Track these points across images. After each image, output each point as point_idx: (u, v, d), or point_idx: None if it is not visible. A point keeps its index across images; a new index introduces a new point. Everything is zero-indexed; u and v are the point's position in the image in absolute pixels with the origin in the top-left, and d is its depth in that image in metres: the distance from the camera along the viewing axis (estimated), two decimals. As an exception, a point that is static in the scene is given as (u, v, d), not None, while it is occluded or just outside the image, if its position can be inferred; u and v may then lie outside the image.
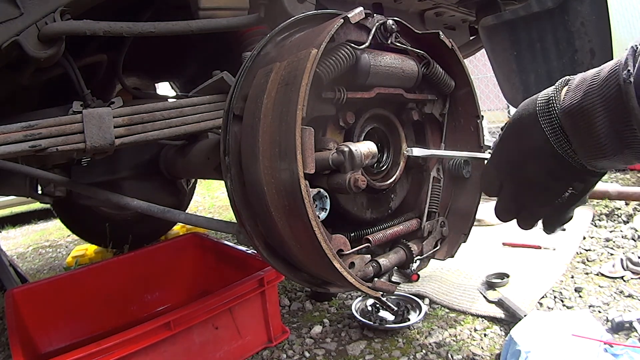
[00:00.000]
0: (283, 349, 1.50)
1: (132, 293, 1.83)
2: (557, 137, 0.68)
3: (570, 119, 0.65)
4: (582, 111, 0.63)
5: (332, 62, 0.75)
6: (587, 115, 0.62)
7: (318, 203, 0.74)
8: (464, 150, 1.04)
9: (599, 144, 0.62)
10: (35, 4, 0.88)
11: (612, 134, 0.60)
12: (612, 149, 0.62)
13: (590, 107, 0.62)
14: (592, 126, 0.62)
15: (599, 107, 0.60)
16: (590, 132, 0.62)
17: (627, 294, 1.58)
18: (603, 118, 0.60)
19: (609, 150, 0.62)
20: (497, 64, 1.87)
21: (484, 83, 6.41)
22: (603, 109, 0.60)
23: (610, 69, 0.60)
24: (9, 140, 0.85)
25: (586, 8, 1.51)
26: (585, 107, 0.62)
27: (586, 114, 0.62)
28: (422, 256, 0.95)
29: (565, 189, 0.73)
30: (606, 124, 0.60)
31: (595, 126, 0.61)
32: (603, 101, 0.60)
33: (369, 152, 0.75)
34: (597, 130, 0.61)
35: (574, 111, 0.64)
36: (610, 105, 0.59)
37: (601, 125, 0.61)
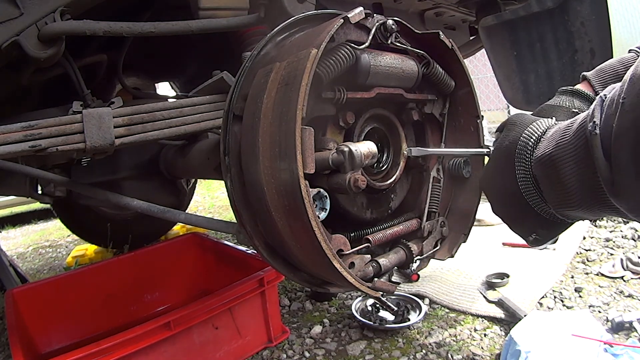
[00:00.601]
0: (283, 349, 1.50)
1: (132, 293, 1.83)
2: (527, 184, 0.69)
3: (541, 167, 0.66)
4: (552, 161, 0.63)
5: (332, 62, 0.75)
6: (557, 166, 0.62)
7: (318, 203, 0.74)
8: (464, 150, 1.04)
9: (568, 193, 0.62)
10: (35, 4, 0.88)
11: (581, 185, 0.60)
12: (580, 200, 0.62)
13: (560, 157, 0.62)
14: (562, 176, 0.62)
15: (570, 157, 0.61)
16: (560, 182, 0.63)
17: (627, 294, 1.58)
18: (572, 169, 0.60)
19: (576, 200, 0.62)
20: (497, 64, 1.87)
21: (484, 83, 6.41)
22: (573, 160, 0.60)
23: (581, 120, 0.60)
24: (9, 140, 0.85)
25: (586, 8, 1.51)
26: (555, 157, 0.63)
27: (556, 164, 0.63)
28: (422, 256, 0.94)
29: (529, 234, 0.76)
30: (575, 175, 0.60)
31: (565, 176, 0.61)
32: (573, 152, 0.60)
33: (369, 152, 0.75)
34: (566, 181, 0.62)
35: (545, 160, 0.65)
36: (579, 157, 0.59)
37: (570, 176, 0.61)
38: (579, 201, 0.62)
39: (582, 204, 0.62)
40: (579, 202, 0.62)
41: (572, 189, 0.61)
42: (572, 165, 0.61)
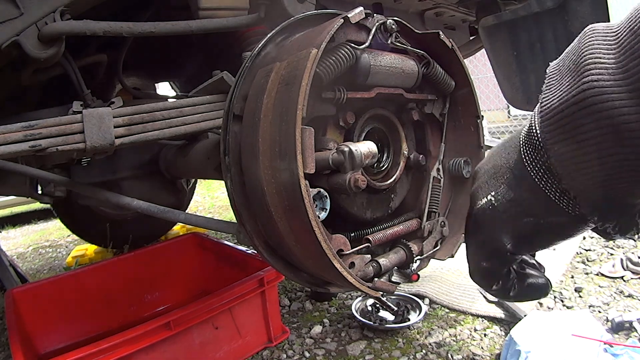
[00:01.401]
0: (283, 349, 1.50)
1: (132, 293, 1.83)
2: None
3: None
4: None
5: (332, 62, 0.75)
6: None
7: (318, 203, 0.74)
8: (465, 151, 1.04)
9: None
10: (35, 4, 0.88)
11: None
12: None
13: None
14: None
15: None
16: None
17: (627, 294, 1.58)
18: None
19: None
20: (497, 64, 1.87)
21: (484, 83, 6.41)
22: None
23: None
24: (9, 140, 0.85)
25: (586, 8, 1.51)
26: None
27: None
28: (422, 256, 0.94)
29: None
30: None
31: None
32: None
33: (369, 152, 0.75)
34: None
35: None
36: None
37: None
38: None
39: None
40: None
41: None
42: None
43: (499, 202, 0.56)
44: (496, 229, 0.58)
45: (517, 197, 0.54)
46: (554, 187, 0.49)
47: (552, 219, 0.52)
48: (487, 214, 0.58)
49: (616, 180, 0.43)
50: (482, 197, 0.59)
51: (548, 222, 0.53)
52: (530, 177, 0.51)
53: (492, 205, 0.57)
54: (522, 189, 0.53)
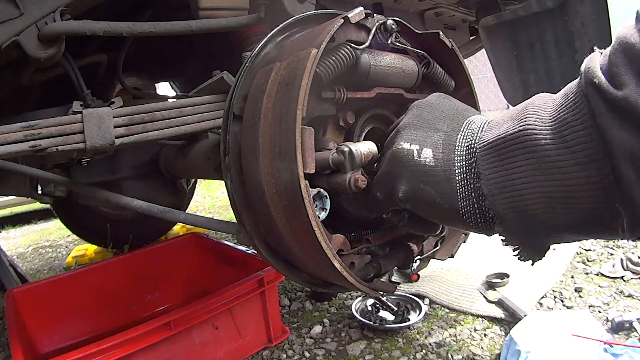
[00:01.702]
0: (283, 349, 1.50)
1: (132, 293, 1.83)
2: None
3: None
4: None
5: (332, 62, 0.75)
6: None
7: (318, 203, 0.74)
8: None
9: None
10: (35, 4, 0.88)
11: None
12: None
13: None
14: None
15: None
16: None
17: (627, 294, 1.58)
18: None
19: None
20: (497, 64, 1.87)
21: (484, 83, 6.41)
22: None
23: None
24: (9, 140, 0.85)
25: (586, 8, 1.50)
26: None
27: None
28: (422, 256, 0.94)
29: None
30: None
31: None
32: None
33: (369, 152, 0.75)
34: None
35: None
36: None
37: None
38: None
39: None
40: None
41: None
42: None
43: (418, 161, 0.62)
44: (403, 174, 0.64)
45: (434, 175, 0.60)
46: (470, 202, 0.58)
47: (447, 218, 0.62)
48: (404, 157, 0.64)
49: (530, 205, 0.51)
50: (409, 142, 0.64)
51: (442, 216, 0.63)
52: (454, 186, 0.59)
53: (412, 156, 0.63)
54: (443, 178, 0.59)
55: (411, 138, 0.65)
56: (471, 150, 0.59)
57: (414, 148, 0.63)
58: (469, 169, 0.58)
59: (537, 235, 0.54)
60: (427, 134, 0.64)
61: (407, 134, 0.66)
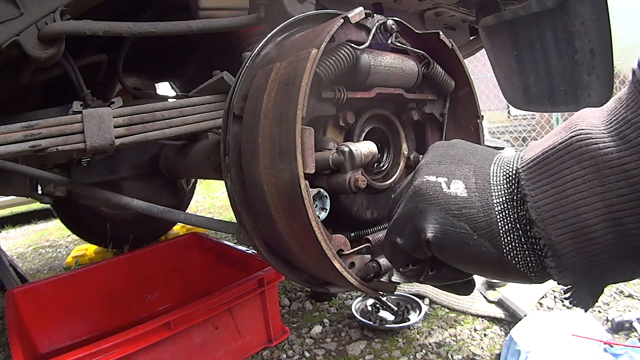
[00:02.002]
0: (283, 349, 1.50)
1: (132, 293, 1.83)
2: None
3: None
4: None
5: (332, 62, 0.75)
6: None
7: (318, 203, 0.74)
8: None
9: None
10: (35, 4, 0.88)
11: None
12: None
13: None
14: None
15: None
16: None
17: (627, 294, 1.58)
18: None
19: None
20: (497, 64, 1.87)
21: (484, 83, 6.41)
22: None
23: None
24: (9, 140, 0.85)
25: (586, 8, 1.50)
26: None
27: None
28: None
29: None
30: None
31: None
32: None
33: (369, 152, 0.75)
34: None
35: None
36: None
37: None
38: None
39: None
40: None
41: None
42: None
43: (448, 192, 0.52)
44: (430, 210, 0.52)
45: (469, 208, 0.50)
46: (514, 234, 0.48)
47: (486, 260, 0.50)
48: (430, 190, 0.53)
49: (590, 225, 0.41)
50: (434, 175, 0.54)
51: (480, 259, 0.50)
52: (493, 218, 0.49)
53: (440, 188, 0.53)
54: (479, 210, 0.50)
55: (437, 171, 0.55)
56: (510, 174, 0.50)
57: (441, 180, 0.53)
58: (510, 195, 0.49)
59: (600, 269, 0.43)
60: (454, 167, 0.54)
61: (431, 169, 0.55)
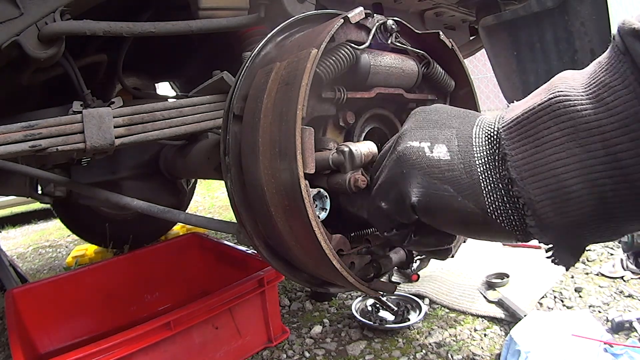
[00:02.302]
0: (283, 349, 1.50)
1: (132, 293, 1.83)
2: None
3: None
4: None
5: (332, 62, 0.75)
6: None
7: (318, 203, 0.74)
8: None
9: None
10: (35, 4, 0.88)
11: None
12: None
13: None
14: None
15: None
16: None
17: (627, 294, 1.58)
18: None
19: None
20: (497, 64, 1.87)
21: (484, 83, 6.41)
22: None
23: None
24: (9, 140, 0.85)
25: (586, 8, 1.50)
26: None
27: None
28: (422, 256, 0.94)
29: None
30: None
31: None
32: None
33: (369, 152, 0.75)
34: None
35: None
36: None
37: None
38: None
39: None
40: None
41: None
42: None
43: (431, 157, 0.53)
44: (414, 175, 0.54)
45: (452, 170, 0.51)
46: (497, 194, 0.49)
47: (471, 221, 0.51)
48: (413, 155, 0.55)
49: (568, 185, 0.43)
50: (417, 140, 0.56)
51: (465, 220, 0.52)
52: (476, 179, 0.50)
53: (424, 153, 0.54)
54: (462, 172, 0.51)
55: (419, 136, 0.56)
56: (492, 135, 0.51)
57: (424, 145, 0.55)
58: (492, 156, 0.50)
59: (578, 228, 0.45)
60: (437, 132, 0.55)
61: (414, 134, 0.57)
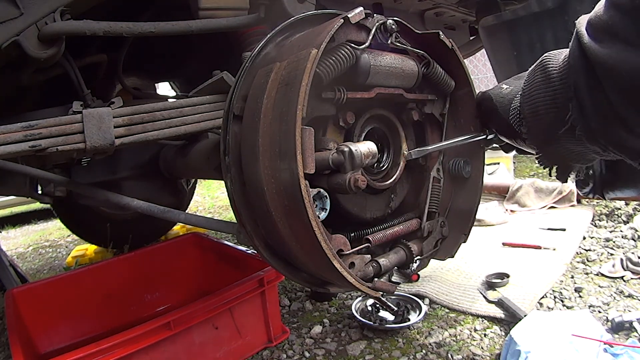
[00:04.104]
0: (283, 349, 1.50)
1: (132, 293, 1.83)
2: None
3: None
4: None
5: (332, 62, 0.75)
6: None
7: (318, 203, 0.74)
8: (465, 151, 1.04)
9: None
10: (35, 4, 0.88)
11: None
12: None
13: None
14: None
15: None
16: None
17: (627, 294, 1.58)
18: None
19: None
20: (497, 64, 1.87)
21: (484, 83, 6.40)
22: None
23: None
24: (9, 140, 0.85)
25: (586, 8, 1.50)
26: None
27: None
28: (422, 256, 0.95)
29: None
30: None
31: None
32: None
33: (369, 152, 0.75)
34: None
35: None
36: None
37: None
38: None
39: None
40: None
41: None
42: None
43: (506, 92, 0.89)
44: (497, 97, 0.91)
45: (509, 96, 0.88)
46: (514, 111, 0.85)
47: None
48: (497, 90, 0.92)
49: (538, 112, 0.76)
50: (499, 87, 0.92)
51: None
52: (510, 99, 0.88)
53: (502, 88, 0.91)
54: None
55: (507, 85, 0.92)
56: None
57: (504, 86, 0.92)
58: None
59: (549, 137, 0.75)
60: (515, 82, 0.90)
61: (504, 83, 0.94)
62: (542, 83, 0.75)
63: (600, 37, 0.63)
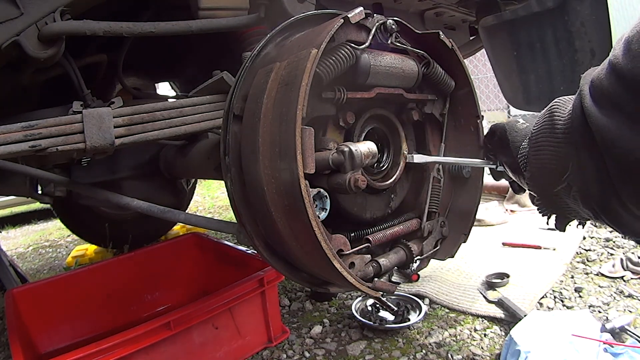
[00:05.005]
0: (283, 349, 1.50)
1: (132, 293, 1.83)
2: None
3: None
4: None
5: (332, 62, 0.75)
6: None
7: (318, 203, 0.74)
8: (465, 151, 1.04)
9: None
10: (35, 4, 0.88)
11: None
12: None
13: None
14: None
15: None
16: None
17: (627, 294, 1.58)
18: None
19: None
20: (497, 64, 1.87)
21: (484, 83, 6.41)
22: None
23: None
24: (9, 140, 0.85)
25: (586, 8, 1.50)
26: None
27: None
28: (422, 256, 0.95)
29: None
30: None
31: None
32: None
33: (369, 152, 0.75)
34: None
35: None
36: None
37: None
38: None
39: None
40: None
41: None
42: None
43: (521, 128, 0.90)
44: (512, 131, 0.91)
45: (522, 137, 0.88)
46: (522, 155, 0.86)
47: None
48: (513, 123, 0.93)
49: (546, 164, 0.75)
50: (515, 120, 0.93)
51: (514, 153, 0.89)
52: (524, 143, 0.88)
53: (518, 122, 0.92)
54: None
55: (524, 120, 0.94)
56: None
57: (520, 120, 0.94)
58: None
59: (549, 185, 0.74)
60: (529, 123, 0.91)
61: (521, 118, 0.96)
62: (548, 132, 0.74)
63: (601, 104, 0.62)
